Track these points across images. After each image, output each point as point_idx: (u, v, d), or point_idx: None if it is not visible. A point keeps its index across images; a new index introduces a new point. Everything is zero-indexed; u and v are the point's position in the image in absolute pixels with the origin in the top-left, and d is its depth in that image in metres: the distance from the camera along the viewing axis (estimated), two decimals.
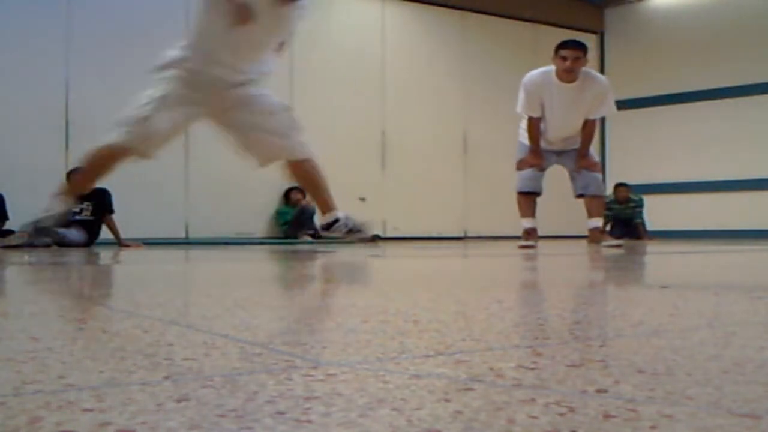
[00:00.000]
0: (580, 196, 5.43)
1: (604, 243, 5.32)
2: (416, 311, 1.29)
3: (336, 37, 8.42)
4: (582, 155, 5.36)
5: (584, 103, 5.18)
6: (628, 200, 9.01)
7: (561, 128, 5.27)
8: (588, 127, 5.32)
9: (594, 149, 5.59)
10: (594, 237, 5.43)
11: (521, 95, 5.26)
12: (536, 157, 5.33)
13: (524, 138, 5.41)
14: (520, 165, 5.41)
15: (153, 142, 3.71)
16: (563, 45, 5.10)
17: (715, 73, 9.42)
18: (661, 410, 0.59)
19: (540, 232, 5.51)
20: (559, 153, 5.42)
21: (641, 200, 9.08)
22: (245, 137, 3.79)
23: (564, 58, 5.04)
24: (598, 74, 5.51)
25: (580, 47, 5.10)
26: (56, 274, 2.70)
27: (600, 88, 5.22)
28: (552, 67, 5.15)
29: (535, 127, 5.27)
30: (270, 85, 8.04)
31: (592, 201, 5.43)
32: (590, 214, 5.44)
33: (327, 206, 3.96)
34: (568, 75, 5.06)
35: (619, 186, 9.05)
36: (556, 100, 5.15)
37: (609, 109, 5.37)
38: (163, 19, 7.48)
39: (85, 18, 7.07)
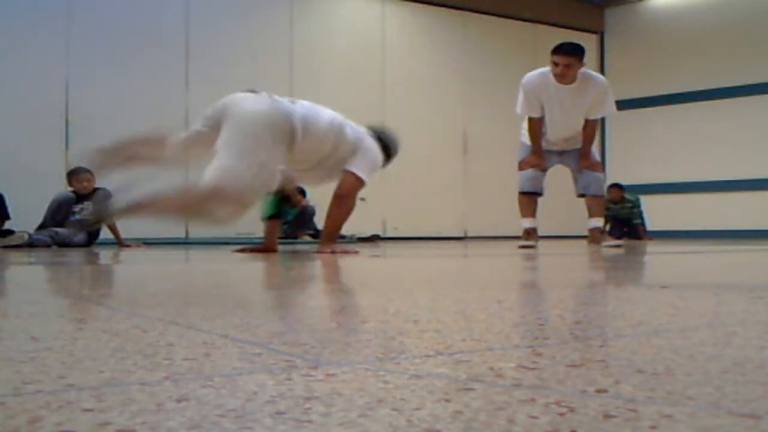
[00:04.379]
0: (581, 195, 5.44)
1: (605, 243, 5.32)
2: (416, 311, 1.29)
3: (336, 37, 8.43)
4: (584, 155, 5.36)
5: (583, 104, 5.18)
6: (623, 200, 9.02)
7: (561, 128, 5.27)
8: (589, 127, 5.32)
9: (595, 149, 5.61)
10: (594, 237, 5.44)
11: (520, 96, 5.27)
12: (537, 157, 5.34)
13: (526, 138, 5.42)
14: (522, 165, 5.42)
15: None
16: (555, 50, 5.09)
17: (715, 73, 9.43)
18: (661, 410, 0.59)
19: (540, 232, 5.52)
20: (561, 153, 5.43)
21: (638, 200, 9.08)
22: None
23: (556, 64, 5.05)
24: (598, 75, 5.51)
25: (573, 53, 5.05)
26: (56, 274, 2.70)
27: (599, 89, 5.22)
28: (550, 68, 5.16)
29: (535, 127, 5.28)
30: (270, 85, 8.08)
31: (593, 201, 5.43)
32: (591, 214, 5.45)
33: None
34: (561, 79, 5.07)
35: (612, 187, 9.07)
36: (555, 101, 5.15)
37: (609, 109, 5.37)
38: (163, 19, 7.49)
39: (85, 18, 7.07)
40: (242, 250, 4.40)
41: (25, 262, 3.47)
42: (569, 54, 5.04)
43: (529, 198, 5.41)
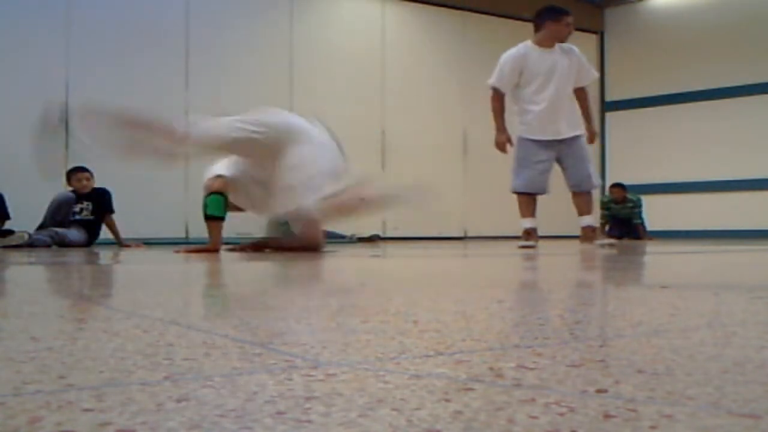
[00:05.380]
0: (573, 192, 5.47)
1: (598, 241, 5.34)
2: (416, 311, 1.29)
3: (336, 37, 8.43)
4: (588, 122, 5.54)
5: (569, 71, 5.36)
6: (626, 200, 9.02)
7: (558, 104, 5.31)
8: (582, 95, 5.51)
9: (593, 148, 5.63)
10: (587, 236, 5.43)
11: (498, 69, 5.36)
12: (502, 133, 5.38)
13: (524, 132, 5.39)
14: (499, 146, 5.43)
15: None
16: (564, 13, 5.41)
17: (715, 73, 9.43)
18: (661, 410, 0.59)
19: (540, 232, 5.51)
20: (561, 141, 5.37)
21: (639, 200, 9.08)
22: None
23: (568, 24, 5.38)
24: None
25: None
26: (56, 274, 2.70)
27: (576, 53, 5.47)
28: (528, 41, 5.39)
29: (498, 105, 5.38)
30: (270, 85, 8.03)
31: (582, 198, 5.44)
32: (581, 212, 5.45)
33: None
34: (561, 40, 5.36)
35: (614, 186, 9.07)
36: (542, 68, 5.29)
37: (593, 73, 5.66)
38: (163, 19, 7.49)
39: (85, 18, 7.07)
40: (188, 251, 4.41)
41: (25, 262, 3.47)
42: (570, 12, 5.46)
43: (529, 198, 5.40)
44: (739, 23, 9.36)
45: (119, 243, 5.95)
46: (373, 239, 7.74)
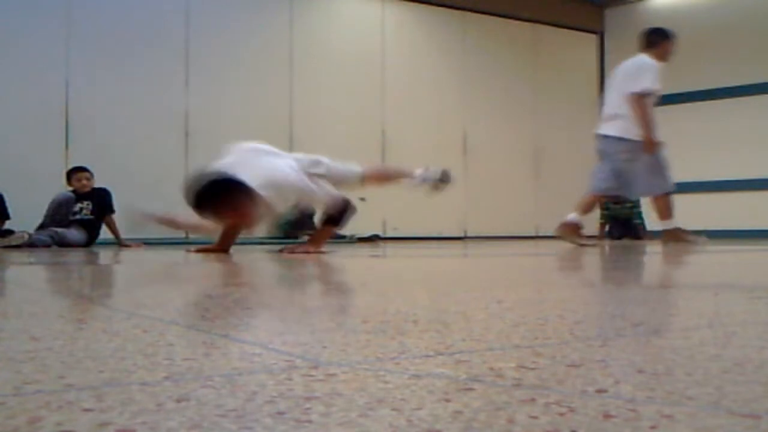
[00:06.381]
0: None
1: (582, 241, 5.47)
2: (416, 311, 1.29)
3: (336, 37, 8.42)
4: None
5: None
6: (625, 200, 9.02)
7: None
8: None
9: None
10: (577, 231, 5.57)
11: (651, 74, 5.39)
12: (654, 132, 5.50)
13: (659, 136, 5.43)
14: (655, 147, 5.42)
15: None
16: (672, 35, 5.85)
17: (715, 73, 9.43)
18: (661, 410, 0.59)
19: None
20: None
21: (639, 200, 9.08)
22: None
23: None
24: None
25: None
26: (56, 274, 2.70)
27: None
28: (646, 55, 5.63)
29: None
30: (270, 85, 8.04)
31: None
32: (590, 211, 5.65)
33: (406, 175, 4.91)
34: (667, 59, 5.75)
35: None
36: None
37: None
38: (163, 20, 7.49)
39: (85, 18, 7.07)
40: (199, 251, 4.45)
41: (25, 262, 3.47)
42: None
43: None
44: (739, 23, 9.36)
45: (119, 243, 5.95)
46: (373, 239, 7.74)
